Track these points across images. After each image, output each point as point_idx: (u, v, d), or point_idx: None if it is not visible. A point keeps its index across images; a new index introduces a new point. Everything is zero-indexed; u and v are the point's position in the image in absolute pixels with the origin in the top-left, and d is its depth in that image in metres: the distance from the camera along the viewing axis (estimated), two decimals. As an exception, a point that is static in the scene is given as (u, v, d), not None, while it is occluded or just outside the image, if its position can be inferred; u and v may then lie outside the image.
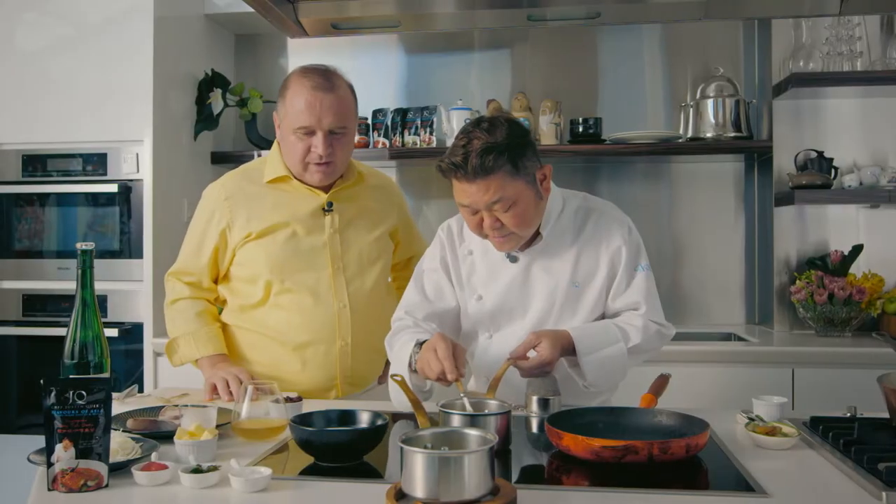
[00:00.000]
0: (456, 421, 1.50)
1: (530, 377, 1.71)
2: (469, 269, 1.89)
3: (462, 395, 1.56)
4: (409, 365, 1.72)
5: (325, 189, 2.06)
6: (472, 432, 1.28)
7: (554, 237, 1.83)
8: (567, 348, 1.71)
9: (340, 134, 1.98)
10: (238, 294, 2.09)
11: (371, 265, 2.09)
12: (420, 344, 1.72)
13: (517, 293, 1.84)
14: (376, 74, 3.53)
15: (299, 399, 1.76)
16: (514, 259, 1.84)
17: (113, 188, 3.01)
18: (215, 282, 2.13)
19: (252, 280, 2.05)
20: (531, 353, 1.69)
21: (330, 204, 2.04)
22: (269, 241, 2.01)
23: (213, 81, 3.30)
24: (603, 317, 1.86)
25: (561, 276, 1.82)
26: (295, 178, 2.04)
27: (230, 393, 1.91)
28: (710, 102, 3.19)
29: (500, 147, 1.66)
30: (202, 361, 2.06)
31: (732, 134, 3.17)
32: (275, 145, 2.11)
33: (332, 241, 2.04)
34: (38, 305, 3.08)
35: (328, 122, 1.94)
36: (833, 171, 3.12)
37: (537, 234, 1.82)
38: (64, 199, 3.08)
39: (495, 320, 1.86)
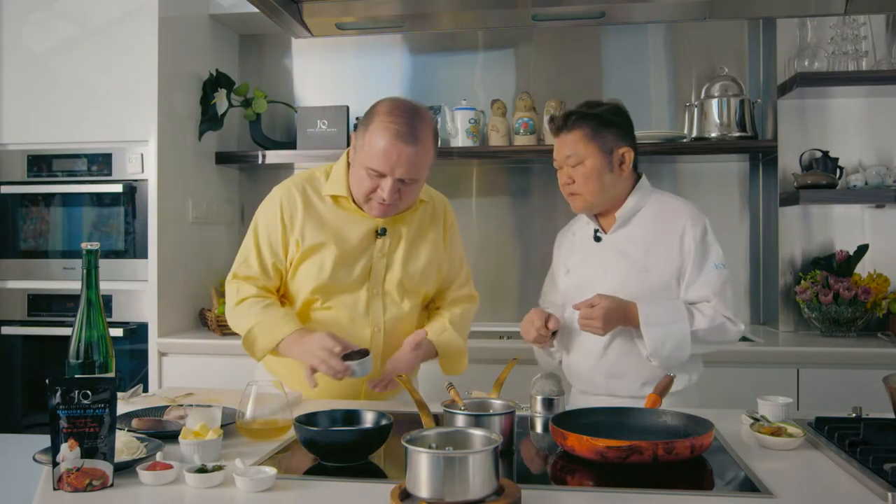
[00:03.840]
0: (460, 421, 1.50)
1: (584, 329, 1.91)
2: (569, 248, 2.14)
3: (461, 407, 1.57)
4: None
5: None
6: (477, 432, 1.28)
7: (632, 223, 2.02)
8: (630, 316, 1.89)
9: (411, 183, 1.92)
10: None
11: (411, 293, 2.05)
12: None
13: (596, 270, 2.02)
14: (380, 74, 3.53)
15: (366, 352, 1.81)
16: (597, 239, 2.05)
17: (118, 188, 3.01)
18: (278, 290, 2.05)
19: (293, 296, 2.02)
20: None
21: (384, 230, 2.01)
22: (317, 261, 1.97)
23: (217, 81, 3.30)
24: None
25: (634, 260, 1.98)
26: (354, 199, 2.00)
27: (334, 369, 1.81)
28: (714, 102, 3.18)
29: (586, 115, 1.98)
30: (285, 345, 1.92)
31: (737, 134, 3.16)
32: (343, 159, 2.04)
33: (377, 265, 2.01)
34: (44, 305, 3.09)
35: (401, 172, 1.88)
36: (838, 170, 3.11)
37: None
38: (69, 200, 3.09)
39: (578, 294, 1.97)
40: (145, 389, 2.36)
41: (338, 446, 1.43)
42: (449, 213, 2.15)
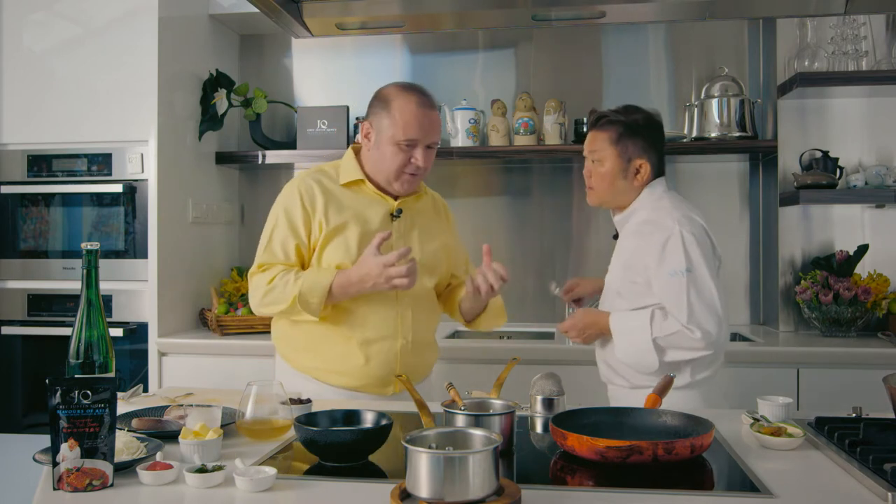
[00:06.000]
0: (460, 421, 1.50)
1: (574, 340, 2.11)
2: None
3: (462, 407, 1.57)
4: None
5: (395, 197, 2.13)
6: (477, 432, 1.28)
7: (630, 224, 2.11)
8: (603, 326, 2.05)
9: (433, 148, 2.09)
10: None
11: (430, 272, 2.16)
12: None
13: (612, 265, 2.17)
14: (380, 74, 3.52)
15: (308, 401, 1.77)
16: (615, 236, 2.20)
17: (118, 188, 3.01)
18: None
19: None
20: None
21: (399, 211, 2.11)
22: (342, 242, 2.05)
23: (217, 81, 3.30)
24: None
25: (623, 258, 2.09)
26: (370, 182, 2.10)
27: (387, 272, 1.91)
28: (714, 102, 3.18)
29: (616, 120, 2.09)
30: (336, 288, 1.97)
31: (737, 134, 3.16)
32: (349, 152, 2.16)
33: (398, 245, 2.08)
34: (44, 305, 3.09)
35: (431, 136, 2.06)
36: (838, 170, 3.11)
37: None
38: (69, 200, 3.09)
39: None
40: (145, 389, 2.36)
41: (338, 446, 1.42)
42: (446, 207, 2.33)
